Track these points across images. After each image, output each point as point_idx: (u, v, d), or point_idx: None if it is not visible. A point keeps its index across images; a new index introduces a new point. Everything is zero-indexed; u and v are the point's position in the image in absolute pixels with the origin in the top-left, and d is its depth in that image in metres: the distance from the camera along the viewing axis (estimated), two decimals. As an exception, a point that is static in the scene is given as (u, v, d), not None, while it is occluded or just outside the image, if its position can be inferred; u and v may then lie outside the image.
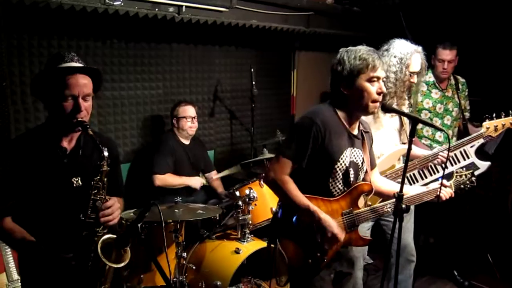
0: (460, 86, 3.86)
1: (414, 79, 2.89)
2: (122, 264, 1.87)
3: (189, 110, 3.82)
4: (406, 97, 2.93)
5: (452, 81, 3.86)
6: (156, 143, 3.84)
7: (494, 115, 3.04)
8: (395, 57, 2.85)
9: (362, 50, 2.21)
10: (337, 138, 2.22)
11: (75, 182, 1.95)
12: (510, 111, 3.04)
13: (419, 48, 2.91)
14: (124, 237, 1.83)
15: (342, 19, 4.90)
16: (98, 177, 1.88)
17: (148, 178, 3.66)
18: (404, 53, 2.84)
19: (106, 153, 1.88)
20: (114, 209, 1.93)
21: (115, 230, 2.01)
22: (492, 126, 3.02)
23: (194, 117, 3.85)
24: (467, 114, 3.95)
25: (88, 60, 3.58)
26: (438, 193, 2.42)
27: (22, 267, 2.07)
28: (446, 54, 3.75)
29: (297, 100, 5.28)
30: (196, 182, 3.83)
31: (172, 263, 3.10)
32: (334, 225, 2.19)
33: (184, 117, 3.79)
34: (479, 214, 4.53)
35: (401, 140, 3.04)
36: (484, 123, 3.03)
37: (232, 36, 4.41)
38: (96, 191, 1.88)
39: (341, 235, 2.21)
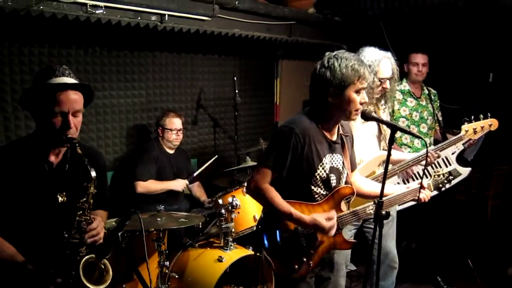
0: (432, 97, 3.96)
1: (387, 84, 2.90)
2: (103, 286, 1.85)
3: (176, 123, 3.81)
4: (382, 103, 2.95)
5: (426, 91, 3.96)
6: (139, 151, 3.83)
7: (472, 118, 3.10)
8: None
9: (353, 60, 2.19)
10: (317, 146, 2.23)
11: (60, 198, 1.91)
12: (489, 114, 3.11)
13: (388, 54, 2.93)
14: (104, 246, 1.82)
15: (324, 29, 4.97)
16: (85, 198, 1.86)
17: (131, 186, 3.64)
18: (372, 60, 2.85)
19: (93, 174, 1.85)
20: (99, 230, 1.90)
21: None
22: (471, 128, 3.08)
23: (180, 130, 3.85)
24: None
25: (70, 69, 3.54)
26: (418, 194, 2.42)
27: (1, 279, 2.02)
28: (419, 58, 3.88)
29: (280, 108, 5.32)
30: (179, 184, 3.80)
31: (154, 272, 3.08)
32: (321, 220, 2.20)
33: (170, 129, 3.79)
34: (460, 220, 4.60)
35: (381, 147, 3.08)
36: (463, 126, 3.08)
37: (215, 45, 4.43)
38: (81, 212, 1.85)
39: (334, 223, 2.23)
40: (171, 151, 3.90)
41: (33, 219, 1.87)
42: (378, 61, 2.86)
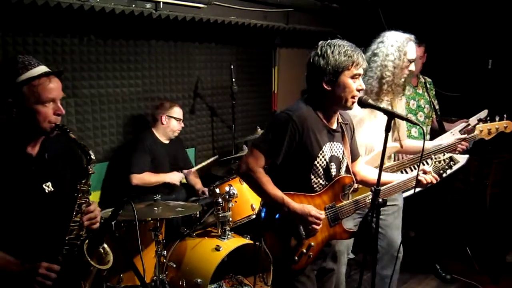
0: (428, 86, 3.94)
1: (411, 67, 2.83)
2: (108, 266, 1.86)
3: (181, 113, 3.85)
4: (402, 87, 2.88)
5: (422, 79, 3.93)
6: (133, 142, 3.78)
7: (488, 118, 3.05)
8: (392, 46, 2.77)
9: (346, 46, 2.19)
10: (316, 134, 2.21)
11: (46, 188, 1.89)
12: (505, 115, 3.04)
13: (412, 37, 2.86)
14: (98, 235, 1.81)
15: (322, 16, 4.92)
16: (84, 180, 1.86)
17: (126, 178, 3.61)
18: (400, 41, 2.78)
19: (93, 156, 1.86)
20: (97, 212, 1.91)
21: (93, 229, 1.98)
22: (485, 129, 3.01)
23: (182, 120, 3.88)
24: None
25: (65, 58, 3.53)
26: (420, 178, 2.39)
27: None
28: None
29: (278, 97, 5.28)
30: (175, 177, 3.77)
31: (152, 262, 3.08)
32: (308, 209, 2.17)
33: (179, 118, 3.81)
34: (458, 208, 4.60)
35: (393, 138, 3.02)
36: (477, 126, 3.02)
37: (212, 33, 4.38)
38: (81, 194, 1.86)
39: (321, 215, 2.19)
40: (167, 141, 3.86)
41: (22, 214, 1.82)
42: (406, 41, 2.78)
